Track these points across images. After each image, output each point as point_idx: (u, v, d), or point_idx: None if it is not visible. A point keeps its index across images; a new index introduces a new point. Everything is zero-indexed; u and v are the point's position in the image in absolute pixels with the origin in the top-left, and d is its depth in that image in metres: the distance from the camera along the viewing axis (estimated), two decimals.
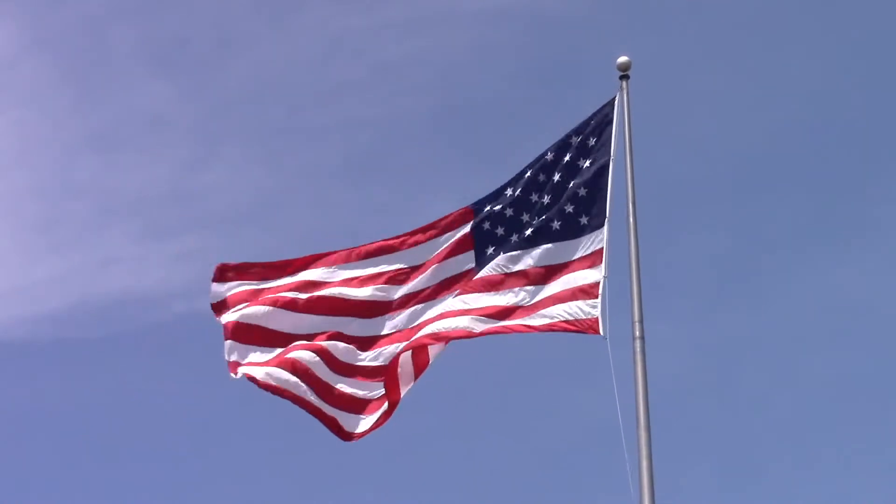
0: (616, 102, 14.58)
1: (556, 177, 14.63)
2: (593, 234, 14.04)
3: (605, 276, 13.71)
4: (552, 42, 34.94)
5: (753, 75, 34.78)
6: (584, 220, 14.21)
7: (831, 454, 29.79)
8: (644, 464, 12.32)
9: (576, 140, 14.67)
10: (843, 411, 30.72)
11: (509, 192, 14.79)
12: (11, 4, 36.14)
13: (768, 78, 34.72)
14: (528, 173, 14.77)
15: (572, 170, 14.55)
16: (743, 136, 34.40)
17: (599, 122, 14.63)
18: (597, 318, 13.46)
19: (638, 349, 12.94)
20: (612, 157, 14.30)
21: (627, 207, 13.84)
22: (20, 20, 35.37)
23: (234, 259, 15.12)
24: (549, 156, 14.81)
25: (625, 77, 14.64)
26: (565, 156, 14.69)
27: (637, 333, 13.04)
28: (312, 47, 36.02)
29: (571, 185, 14.47)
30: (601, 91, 14.86)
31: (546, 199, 14.59)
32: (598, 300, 13.56)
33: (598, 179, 14.31)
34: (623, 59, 14.67)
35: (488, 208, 14.78)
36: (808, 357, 31.61)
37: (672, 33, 34.90)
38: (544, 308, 13.82)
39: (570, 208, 14.34)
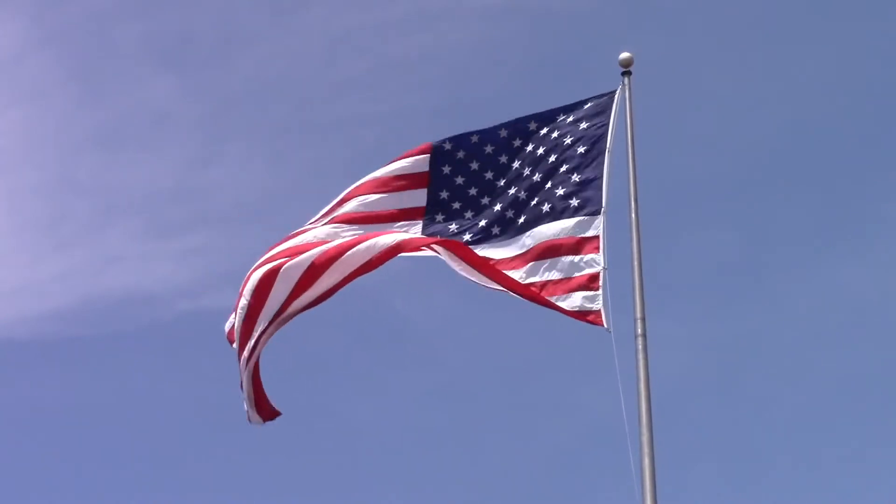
0: (617, 98, 14.53)
1: (543, 151, 14.61)
2: (586, 219, 13.95)
3: (604, 268, 13.64)
4: (557, 38, 34.94)
5: (759, 72, 34.74)
6: (574, 202, 14.12)
7: (837, 454, 29.73)
8: (646, 462, 12.27)
9: (568, 120, 14.60)
10: (849, 410, 30.66)
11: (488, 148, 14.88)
12: (17, 1, 36.16)
13: (774, 75, 34.70)
14: (504, 134, 14.80)
15: (566, 153, 14.48)
16: (749, 134, 34.37)
17: (596, 111, 14.55)
18: (599, 310, 13.39)
19: (640, 347, 12.88)
20: (608, 148, 14.24)
21: (630, 204, 13.79)
22: (25, 17, 35.41)
23: (237, 259, 15.16)
24: (533, 125, 14.78)
25: (627, 73, 14.58)
26: (554, 133, 14.64)
27: (639, 331, 12.97)
28: (317, 44, 36.05)
29: (563, 168, 14.41)
30: (607, 87, 14.81)
31: (536, 176, 14.57)
32: (599, 292, 13.48)
33: (593, 169, 14.23)
34: (625, 55, 14.61)
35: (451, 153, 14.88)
36: (814, 355, 31.57)
37: (677, 29, 34.87)
38: (544, 290, 13.72)
39: (560, 191, 14.28)
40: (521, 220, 14.37)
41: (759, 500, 28.39)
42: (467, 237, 14.47)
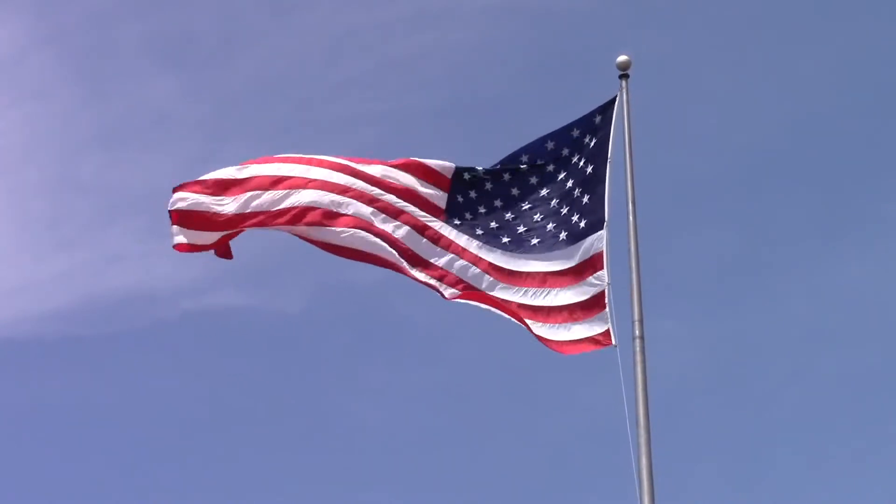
0: (616, 102, 14.52)
1: (559, 174, 14.63)
2: (592, 238, 13.95)
3: (608, 284, 13.64)
4: (559, 38, 34.93)
5: (760, 71, 34.76)
6: (582, 223, 14.13)
7: (837, 453, 29.73)
8: (644, 462, 12.28)
9: (577, 135, 14.62)
10: (849, 410, 30.66)
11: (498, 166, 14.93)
12: (18, 1, 36.19)
13: (775, 73, 34.71)
14: (532, 157, 14.85)
15: (572, 169, 14.51)
16: (749, 133, 34.38)
17: (599, 123, 14.56)
18: (608, 329, 13.41)
19: (638, 349, 12.90)
20: (609, 159, 14.23)
21: (627, 207, 13.80)
22: (27, 16, 35.44)
23: (239, 258, 15.29)
24: (550, 144, 14.80)
25: (624, 76, 14.56)
26: (566, 151, 14.66)
27: (637, 333, 12.99)
28: (319, 43, 36.06)
29: (569, 186, 14.44)
30: (609, 87, 14.82)
31: (551, 198, 14.59)
32: (607, 310, 13.50)
33: (596, 183, 14.22)
34: (622, 58, 14.58)
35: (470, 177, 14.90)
36: (814, 355, 31.59)
37: (677, 29, 34.88)
38: (555, 322, 13.78)
39: (575, 217, 14.27)
40: (534, 241, 14.38)
41: (760, 501, 28.43)
42: (479, 231, 14.48)
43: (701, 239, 33.06)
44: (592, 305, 13.61)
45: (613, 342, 13.30)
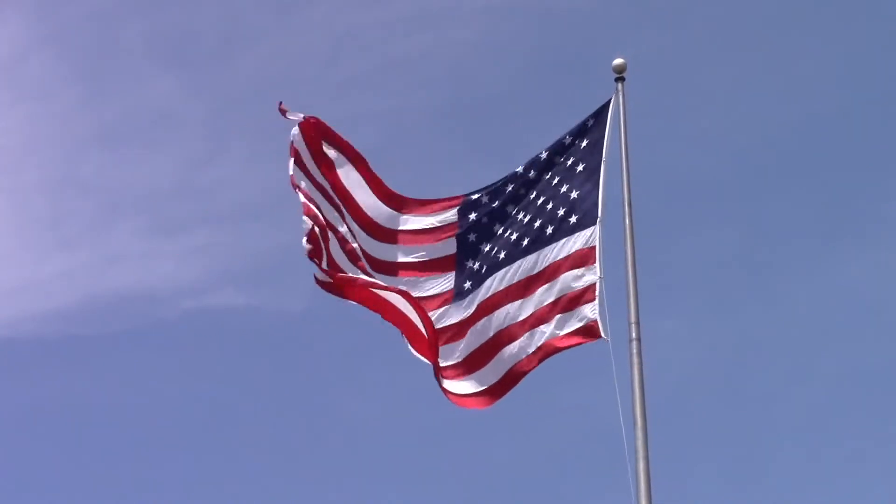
0: (612, 104, 14.54)
1: (549, 176, 14.66)
2: (584, 232, 13.97)
3: (600, 278, 13.65)
4: (560, 37, 34.93)
5: (760, 69, 34.76)
6: (573, 219, 14.16)
7: (838, 453, 29.75)
8: (641, 465, 12.27)
9: (570, 142, 14.66)
10: (850, 410, 30.68)
11: (509, 187, 14.93)
12: (19, 0, 36.18)
13: (775, 72, 34.71)
14: (520, 170, 14.90)
15: (566, 173, 14.54)
16: (749, 132, 34.39)
17: (591, 125, 14.59)
18: (596, 320, 13.40)
19: (634, 350, 12.89)
20: (604, 159, 14.25)
21: (623, 208, 13.80)
22: (29, 15, 35.42)
23: (240, 257, 15.34)
24: (544, 154, 14.83)
25: (620, 79, 14.58)
26: (559, 157, 14.69)
27: (634, 335, 12.98)
28: (320, 42, 36.05)
29: (564, 188, 14.46)
30: (609, 86, 14.82)
31: (539, 199, 14.61)
32: (596, 303, 13.50)
33: (589, 181, 14.26)
34: (618, 61, 14.60)
35: (477, 200, 14.99)
36: (815, 355, 31.60)
37: (676, 27, 34.88)
38: (539, 325, 13.85)
39: (561, 211, 14.30)
40: (524, 243, 14.43)
41: (760, 501, 28.44)
42: (483, 271, 14.57)
43: (700, 239, 33.11)
44: (582, 297, 13.63)
45: (603, 335, 13.31)
